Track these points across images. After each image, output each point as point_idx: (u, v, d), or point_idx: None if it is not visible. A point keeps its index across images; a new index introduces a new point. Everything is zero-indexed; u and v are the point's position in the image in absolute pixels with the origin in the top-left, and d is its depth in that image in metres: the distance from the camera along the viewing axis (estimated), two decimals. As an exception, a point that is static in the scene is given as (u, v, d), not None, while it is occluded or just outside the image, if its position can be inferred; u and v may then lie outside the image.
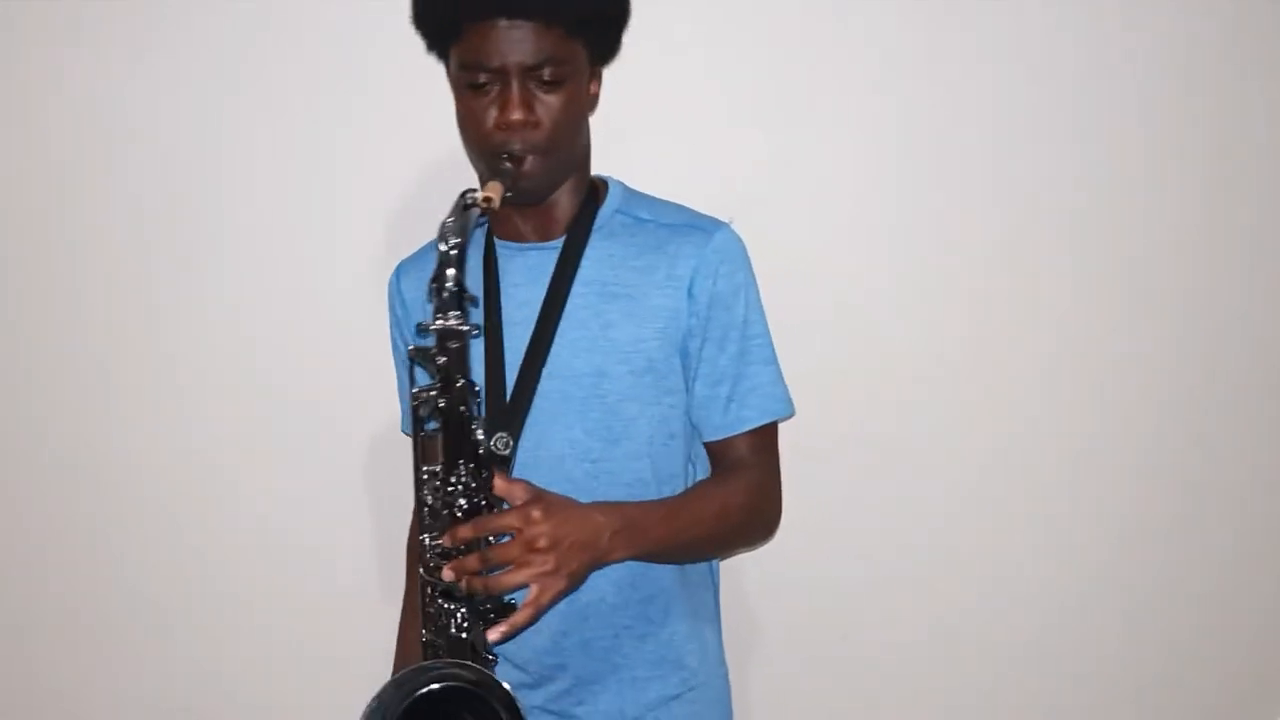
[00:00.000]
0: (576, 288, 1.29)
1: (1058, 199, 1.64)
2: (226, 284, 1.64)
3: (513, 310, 1.30)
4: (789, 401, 1.35)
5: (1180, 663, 1.75)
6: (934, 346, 1.66)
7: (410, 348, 1.16)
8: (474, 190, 1.18)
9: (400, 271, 1.42)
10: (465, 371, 1.14)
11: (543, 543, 1.12)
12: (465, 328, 1.12)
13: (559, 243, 1.31)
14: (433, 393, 1.14)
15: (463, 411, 1.14)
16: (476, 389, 1.16)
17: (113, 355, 1.66)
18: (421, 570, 1.19)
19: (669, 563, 1.31)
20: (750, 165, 1.62)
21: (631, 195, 1.36)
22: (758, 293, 1.34)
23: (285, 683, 1.71)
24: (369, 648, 1.53)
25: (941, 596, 1.71)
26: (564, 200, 1.31)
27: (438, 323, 1.12)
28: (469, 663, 1.13)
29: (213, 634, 1.71)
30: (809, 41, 1.59)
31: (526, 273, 1.31)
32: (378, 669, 1.47)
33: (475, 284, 1.30)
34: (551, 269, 1.30)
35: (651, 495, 1.29)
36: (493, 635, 1.14)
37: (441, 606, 1.17)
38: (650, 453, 1.30)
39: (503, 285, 1.32)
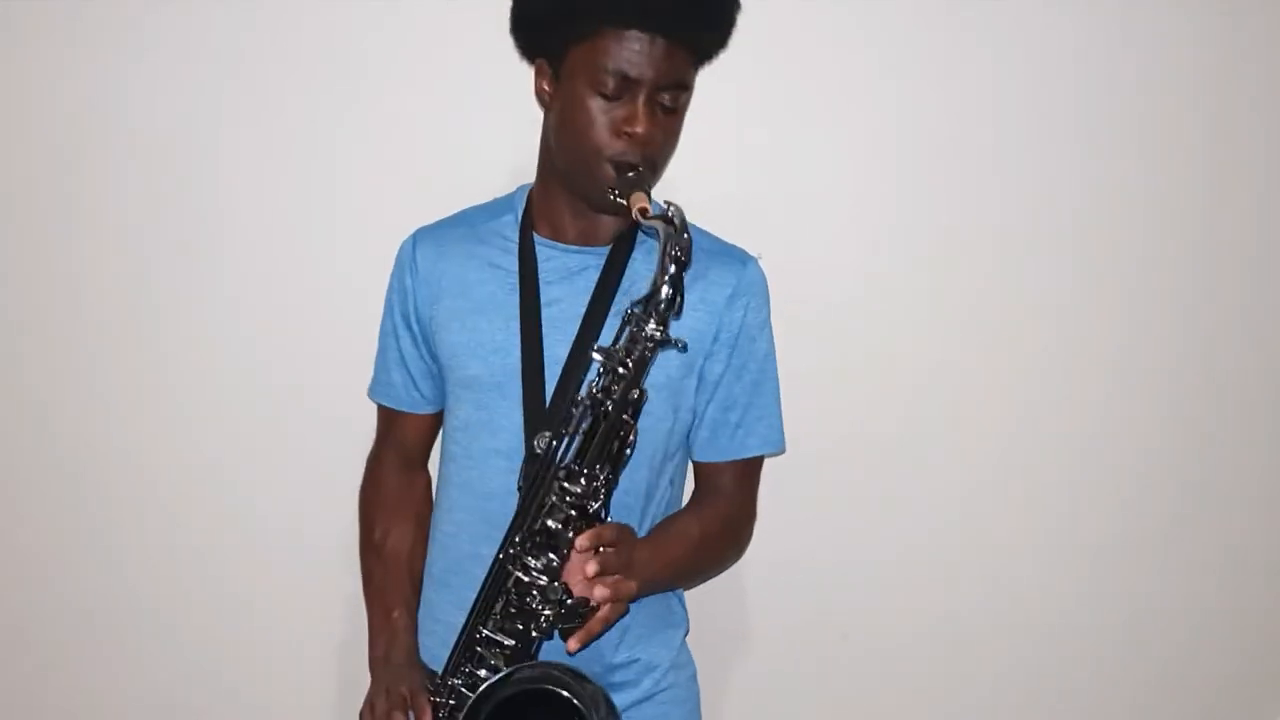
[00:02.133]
0: (619, 297, 1.30)
1: (1059, 199, 1.64)
2: (226, 282, 1.64)
3: (547, 308, 1.31)
4: (784, 441, 1.41)
5: (1180, 663, 1.75)
6: (934, 346, 1.66)
7: (597, 347, 1.18)
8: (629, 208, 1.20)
9: (418, 239, 1.40)
10: (641, 381, 1.18)
11: (632, 565, 1.19)
12: (670, 341, 1.17)
13: (603, 250, 1.32)
14: (599, 394, 1.17)
15: (626, 420, 1.18)
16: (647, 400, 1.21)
17: (112, 355, 1.66)
18: (511, 569, 1.20)
19: (651, 594, 1.33)
20: (750, 165, 1.61)
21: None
22: (772, 332, 1.39)
23: (286, 683, 1.71)
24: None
25: (941, 596, 1.71)
26: None
27: (649, 328, 1.15)
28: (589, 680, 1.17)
29: (213, 634, 1.71)
30: (810, 41, 1.59)
31: (563, 273, 1.32)
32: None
33: (511, 276, 1.33)
34: (590, 273, 1.31)
35: (640, 508, 1.32)
36: (573, 645, 1.17)
37: (526, 607, 1.19)
38: (650, 466, 1.32)
39: (539, 281, 1.32)
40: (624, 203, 1.20)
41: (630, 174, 1.22)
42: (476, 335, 1.32)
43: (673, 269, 1.15)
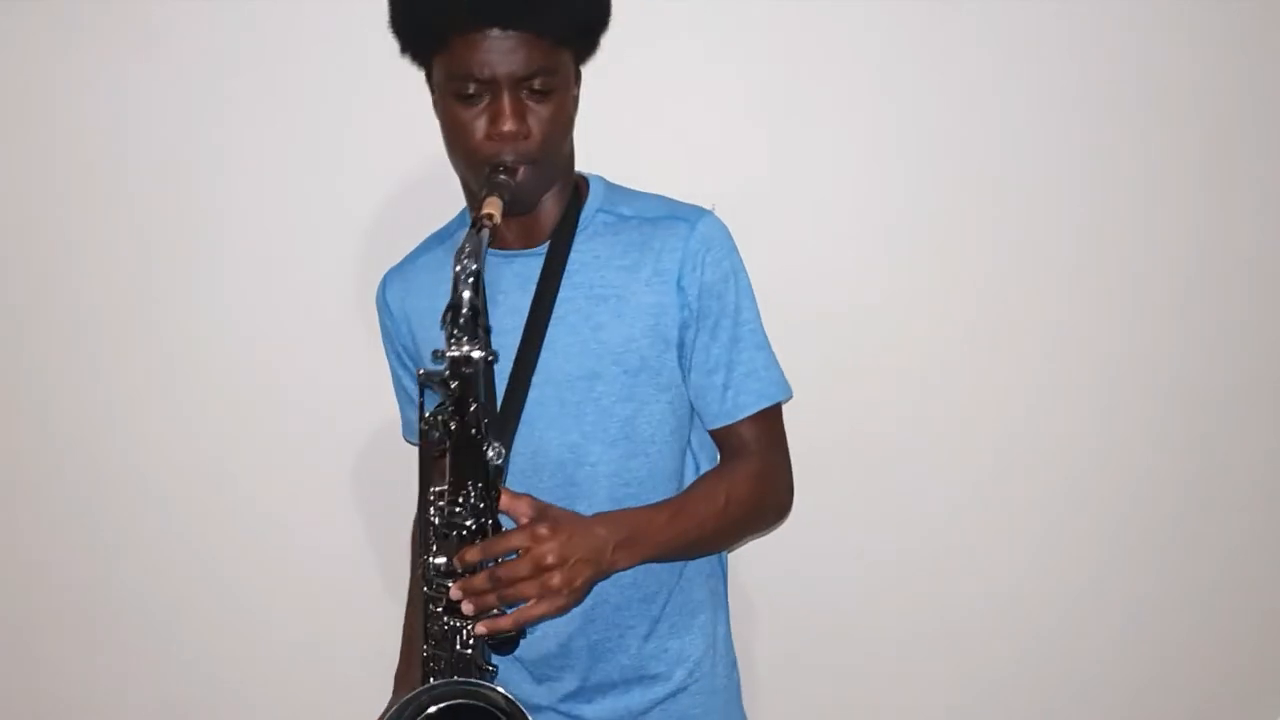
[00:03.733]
0: (564, 292, 1.27)
1: (1058, 200, 1.63)
2: (224, 285, 1.64)
3: (503, 319, 1.27)
4: (785, 384, 1.34)
5: (1180, 663, 1.75)
6: (934, 346, 1.66)
7: (420, 371, 1.15)
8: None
9: (386, 282, 1.40)
10: (479, 394, 1.13)
11: (550, 560, 1.12)
12: (480, 354, 1.11)
13: (544, 248, 1.29)
14: (442, 416, 1.13)
15: (475, 435, 1.14)
16: (490, 411, 1.15)
17: (112, 356, 1.66)
18: (425, 589, 1.19)
19: (677, 561, 1.31)
20: (750, 165, 1.61)
21: (613, 191, 1.35)
22: (747, 278, 1.32)
23: (286, 683, 1.71)
24: (370, 647, 1.53)
25: (941, 596, 1.72)
26: (549, 204, 1.29)
27: (453, 350, 1.11)
28: (469, 680, 1.15)
29: (213, 634, 1.71)
30: (808, 41, 1.59)
31: (514, 279, 1.30)
32: (379, 668, 1.47)
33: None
34: (538, 275, 1.29)
35: (652, 494, 1.29)
36: (479, 630, 1.15)
37: (445, 623, 1.18)
38: (650, 451, 1.29)
39: (491, 294, 1.29)
40: (489, 212, 1.15)
41: (499, 175, 1.19)
42: None
43: (459, 285, 1.09)
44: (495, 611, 1.14)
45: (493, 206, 1.14)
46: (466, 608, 1.13)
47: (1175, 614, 1.74)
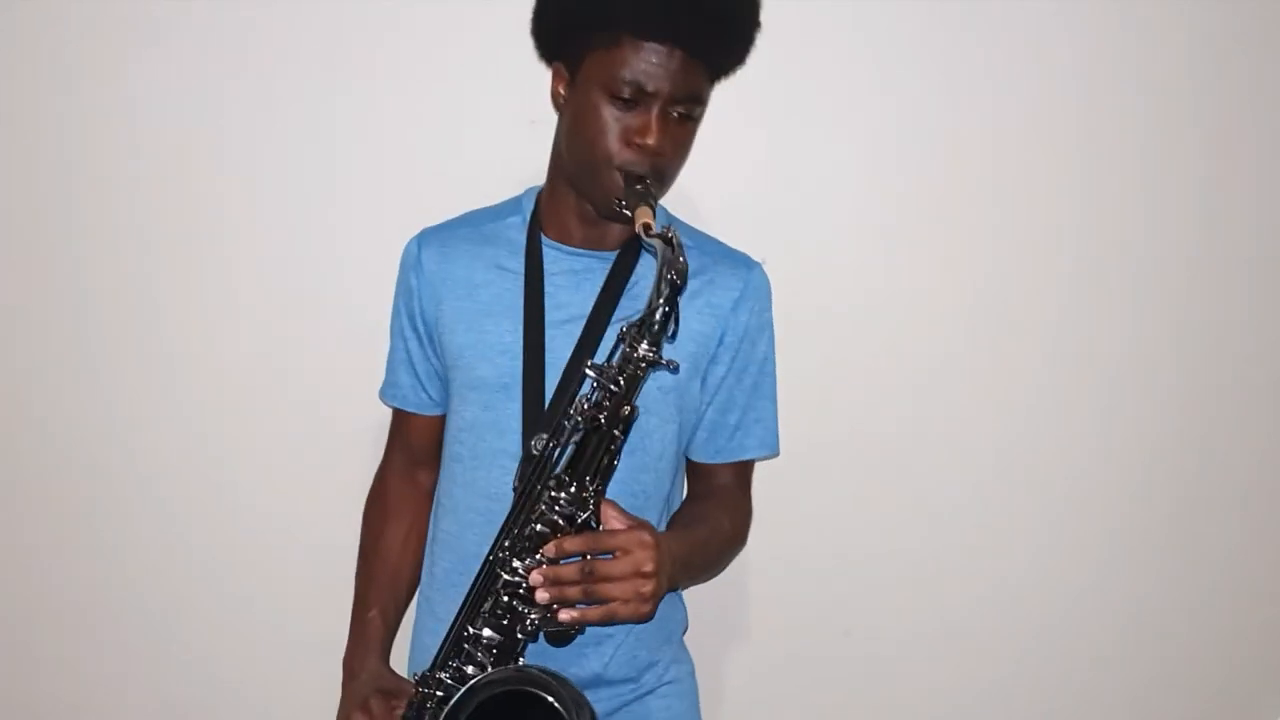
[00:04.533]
0: (624, 301, 1.30)
1: (1058, 200, 1.64)
2: (224, 284, 1.64)
3: (552, 311, 1.31)
4: (779, 445, 1.42)
5: (1180, 663, 1.75)
6: (934, 346, 1.66)
7: (590, 364, 1.18)
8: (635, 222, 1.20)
9: (423, 240, 1.40)
10: (634, 397, 1.18)
11: (649, 567, 1.15)
12: (661, 363, 1.17)
13: (609, 255, 1.32)
14: (592, 410, 1.17)
15: (616, 435, 1.18)
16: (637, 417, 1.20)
17: (112, 355, 1.66)
18: (500, 571, 1.20)
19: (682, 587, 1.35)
20: (749, 166, 1.62)
21: (674, 220, 1.39)
22: (774, 334, 1.40)
23: (286, 683, 1.71)
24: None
25: (941, 596, 1.72)
26: None
27: (642, 348, 1.16)
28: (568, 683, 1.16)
29: (213, 634, 1.71)
30: (807, 41, 1.59)
31: (572, 276, 1.32)
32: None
33: (517, 277, 1.33)
34: (597, 277, 1.31)
35: (648, 510, 1.32)
36: (567, 615, 1.15)
37: (511, 608, 1.19)
38: (657, 468, 1.33)
39: (545, 283, 1.32)
40: (629, 214, 1.20)
41: (638, 185, 1.22)
42: (484, 337, 1.33)
43: (667, 291, 1.15)
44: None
45: (646, 215, 1.18)
46: (543, 595, 1.14)
47: (1175, 614, 1.74)
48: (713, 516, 1.36)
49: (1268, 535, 1.73)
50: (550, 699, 1.14)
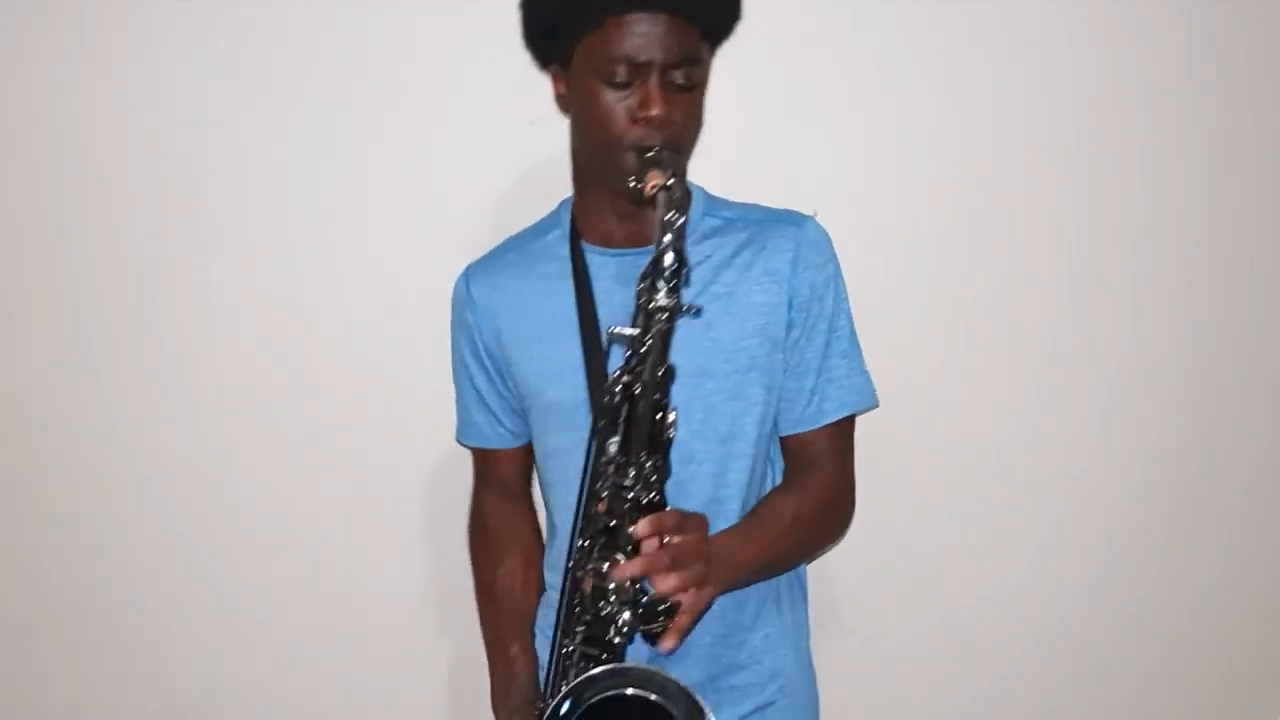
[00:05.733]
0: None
1: (1058, 201, 1.64)
2: (223, 285, 1.62)
3: (607, 316, 1.27)
4: (870, 393, 1.35)
5: (1180, 663, 1.76)
6: (934, 346, 1.67)
7: (611, 329, 1.14)
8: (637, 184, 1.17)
9: (470, 275, 1.38)
10: (667, 354, 1.13)
11: (706, 551, 1.12)
12: (683, 309, 1.11)
13: (653, 248, 1.28)
14: (627, 377, 1.11)
15: (658, 400, 1.12)
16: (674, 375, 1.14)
17: (112, 356, 1.64)
18: (574, 567, 1.16)
19: (758, 580, 1.30)
20: (749, 166, 1.61)
21: (712, 199, 1.36)
22: (844, 284, 1.33)
23: (286, 683, 1.71)
24: (371, 648, 1.53)
25: (941, 596, 1.72)
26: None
27: (659, 298, 1.10)
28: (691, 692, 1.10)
29: (214, 635, 1.70)
30: (809, 41, 1.59)
31: (618, 278, 1.29)
32: (380, 668, 1.47)
33: (565, 287, 1.30)
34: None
35: (745, 500, 1.29)
36: (667, 645, 1.11)
37: (602, 613, 1.13)
38: (753, 453, 1.29)
39: (595, 291, 1.29)
40: (643, 187, 1.17)
41: (648, 154, 1.18)
42: (546, 363, 1.30)
43: (672, 233, 1.11)
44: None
45: (656, 176, 1.15)
46: (669, 583, 1.09)
47: (1175, 614, 1.76)
48: (775, 505, 1.30)
49: (1268, 535, 1.75)
50: (654, 697, 1.08)
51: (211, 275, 1.62)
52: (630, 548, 1.13)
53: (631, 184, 1.19)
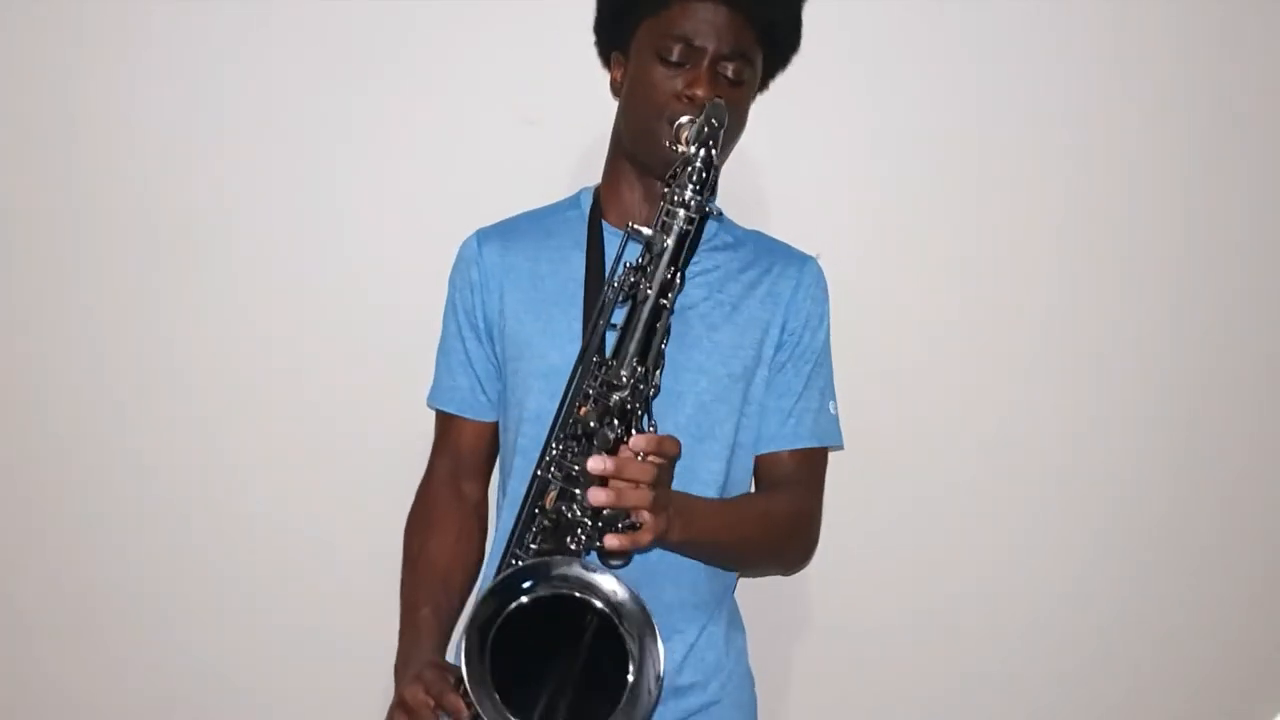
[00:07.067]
0: (689, 287, 1.27)
1: (1055, 200, 1.65)
2: (224, 283, 1.65)
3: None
4: (838, 435, 1.42)
5: (1180, 663, 1.75)
6: (924, 345, 1.68)
7: (630, 225, 1.16)
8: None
9: (482, 236, 1.40)
10: (685, 261, 1.15)
11: (666, 478, 1.14)
12: (708, 211, 1.14)
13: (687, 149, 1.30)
14: (643, 275, 1.12)
15: (663, 305, 1.14)
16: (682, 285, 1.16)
17: (113, 355, 1.66)
18: (542, 471, 1.16)
19: (710, 561, 1.32)
20: (748, 167, 1.61)
21: (723, 218, 1.40)
22: (829, 327, 1.41)
23: (286, 683, 1.71)
24: (372, 645, 1.53)
25: (935, 595, 1.72)
26: None
27: (685, 195, 1.13)
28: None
29: (214, 634, 1.71)
30: (808, 41, 1.59)
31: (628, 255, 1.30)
32: (381, 667, 1.47)
33: (577, 257, 1.34)
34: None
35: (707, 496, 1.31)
36: (613, 543, 1.11)
37: (564, 519, 1.13)
38: (727, 456, 1.33)
39: (608, 265, 1.29)
40: (681, 147, 1.20)
41: (684, 119, 1.22)
42: (551, 324, 1.32)
43: (706, 133, 1.14)
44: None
45: (686, 131, 1.19)
46: (636, 496, 1.09)
47: (1174, 614, 1.75)
48: (749, 497, 1.36)
49: (1266, 535, 1.74)
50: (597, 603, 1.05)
51: (211, 274, 1.64)
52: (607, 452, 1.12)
53: (669, 146, 1.22)
